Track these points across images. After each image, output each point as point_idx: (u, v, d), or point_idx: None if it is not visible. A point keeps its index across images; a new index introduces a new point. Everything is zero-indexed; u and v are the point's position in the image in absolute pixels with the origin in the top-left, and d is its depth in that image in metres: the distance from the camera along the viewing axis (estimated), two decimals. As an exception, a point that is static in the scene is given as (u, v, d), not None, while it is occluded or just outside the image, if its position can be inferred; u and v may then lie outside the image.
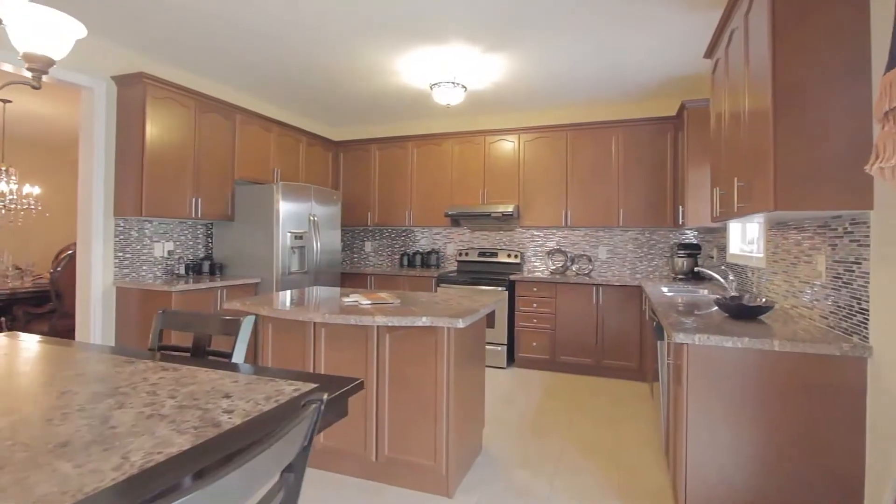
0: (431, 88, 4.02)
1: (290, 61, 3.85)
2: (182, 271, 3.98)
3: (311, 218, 4.49)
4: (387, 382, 2.39)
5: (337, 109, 5.27)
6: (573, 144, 4.73)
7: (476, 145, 5.08)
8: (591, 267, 4.87)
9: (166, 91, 3.59)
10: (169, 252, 3.98)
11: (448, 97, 3.96)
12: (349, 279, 5.29)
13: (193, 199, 3.83)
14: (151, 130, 3.48)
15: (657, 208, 4.47)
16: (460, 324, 2.07)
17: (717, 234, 4.42)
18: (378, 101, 4.90)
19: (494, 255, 5.20)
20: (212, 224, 4.39)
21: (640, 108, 4.83)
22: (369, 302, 2.53)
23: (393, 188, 5.43)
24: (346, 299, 2.63)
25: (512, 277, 4.63)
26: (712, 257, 4.41)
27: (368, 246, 5.93)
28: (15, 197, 5.07)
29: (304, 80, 4.29)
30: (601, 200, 4.63)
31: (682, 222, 4.04)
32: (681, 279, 4.38)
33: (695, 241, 4.63)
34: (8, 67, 3.21)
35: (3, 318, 4.41)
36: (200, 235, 4.31)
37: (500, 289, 4.60)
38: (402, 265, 5.56)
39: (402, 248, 5.76)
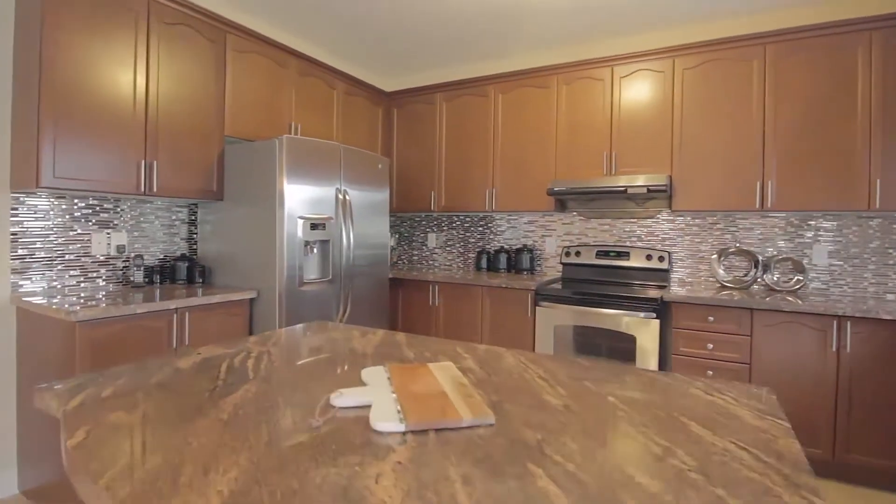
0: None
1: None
2: (140, 278, 2.55)
3: (341, 196, 2.89)
4: None
5: (385, 40, 3.63)
6: (776, 70, 2.72)
7: (597, 83, 3.21)
8: (802, 279, 2.86)
9: (86, -24, 2.11)
10: (119, 248, 2.55)
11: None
12: (403, 288, 3.67)
13: (144, 164, 2.35)
14: (56, 49, 2.02)
15: (958, 175, 2.38)
16: None
17: None
18: (440, 15, 3.19)
19: (624, 255, 3.33)
20: (196, 206, 2.94)
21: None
22: (399, 425, 0.82)
23: (467, 156, 3.71)
24: (336, 399, 0.94)
25: (667, 297, 2.75)
26: None
27: (433, 240, 4.27)
28: None
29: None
30: (833, 165, 2.61)
31: None
32: None
33: None
34: None
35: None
36: (178, 223, 2.86)
37: (640, 315, 2.74)
38: (479, 267, 3.85)
39: (480, 244, 4.04)
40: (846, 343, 2.37)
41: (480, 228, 4.03)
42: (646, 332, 2.75)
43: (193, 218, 2.93)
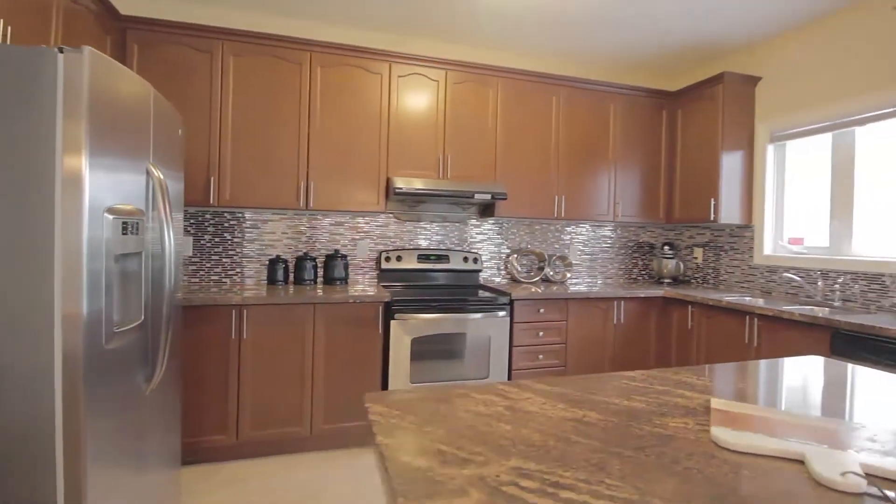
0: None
1: None
2: None
3: (156, 175, 1.69)
4: None
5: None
6: (567, 106, 3.41)
7: (431, 83, 3.11)
8: (568, 271, 3.69)
9: None
10: None
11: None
12: (197, 316, 2.46)
13: None
14: None
15: (650, 199, 3.67)
16: None
17: (700, 231, 3.91)
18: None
19: (444, 258, 3.37)
20: None
21: (638, 76, 3.90)
22: None
23: (268, 137, 2.83)
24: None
25: (514, 295, 2.98)
26: (696, 259, 3.90)
27: (189, 245, 3.03)
28: None
29: None
30: (596, 187, 3.51)
31: (675, 217, 3.35)
32: (669, 283, 3.73)
33: (668, 240, 4.07)
34: None
35: None
36: None
37: (492, 315, 2.89)
38: (273, 280, 3.03)
39: (269, 250, 3.16)
40: (621, 317, 3.25)
41: (268, 229, 3.16)
42: (500, 331, 2.91)
43: None
